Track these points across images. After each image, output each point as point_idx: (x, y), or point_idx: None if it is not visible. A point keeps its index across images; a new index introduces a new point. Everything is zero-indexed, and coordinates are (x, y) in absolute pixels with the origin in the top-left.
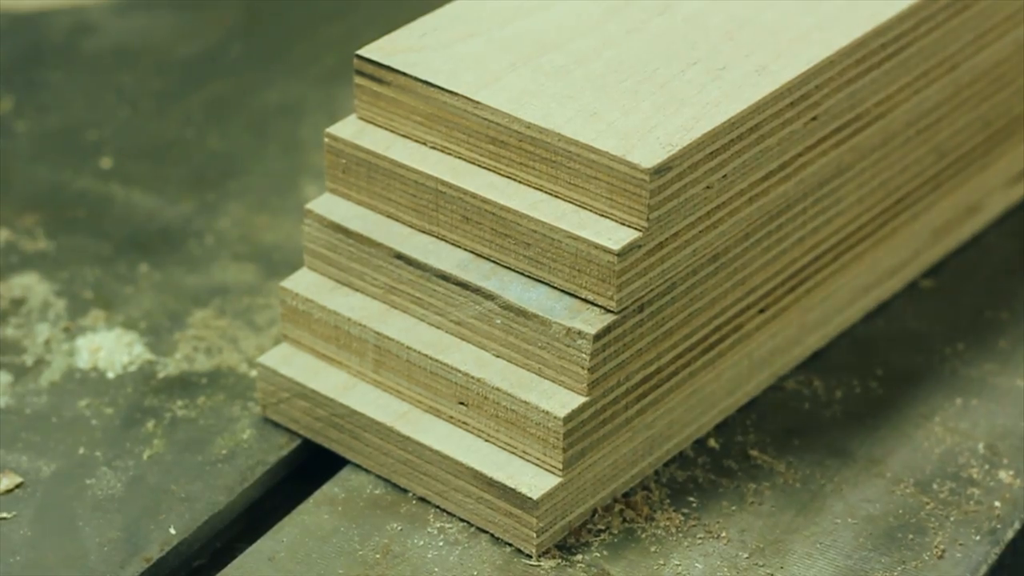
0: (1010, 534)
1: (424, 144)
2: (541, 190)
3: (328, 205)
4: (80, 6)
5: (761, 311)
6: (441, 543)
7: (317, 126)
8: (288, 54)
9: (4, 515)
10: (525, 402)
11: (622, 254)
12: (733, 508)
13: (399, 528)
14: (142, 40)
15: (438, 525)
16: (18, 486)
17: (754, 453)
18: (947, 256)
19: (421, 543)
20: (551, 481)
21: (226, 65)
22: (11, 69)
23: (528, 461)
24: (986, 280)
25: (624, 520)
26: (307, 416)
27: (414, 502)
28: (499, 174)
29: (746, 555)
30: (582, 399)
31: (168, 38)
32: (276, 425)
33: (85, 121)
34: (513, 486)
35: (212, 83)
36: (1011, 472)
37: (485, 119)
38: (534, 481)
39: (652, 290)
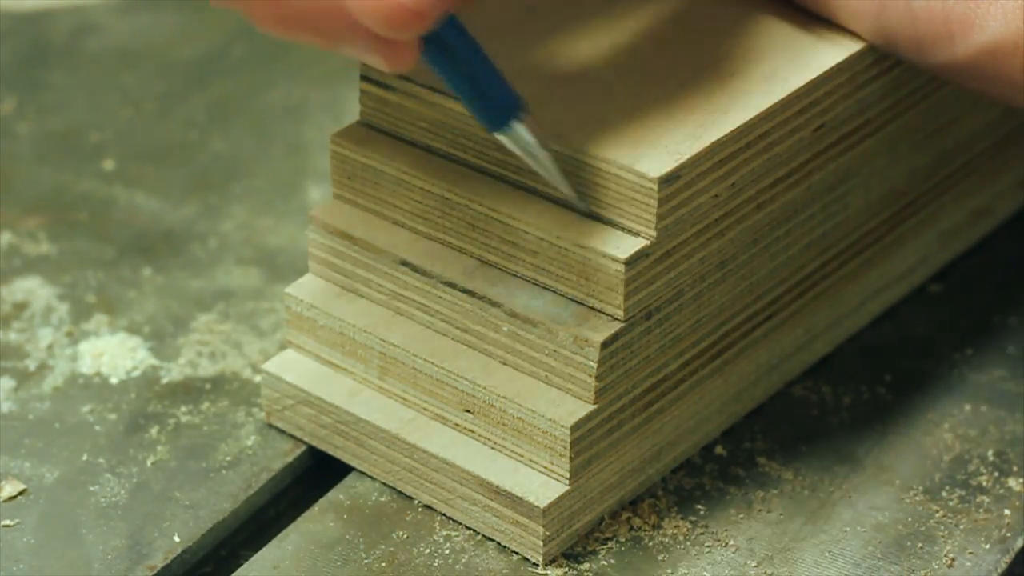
0: (1020, 543)
1: (430, 150)
2: (548, 198)
3: (333, 211)
4: (82, 7)
5: (768, 317)
6: (447, 551)
7: (321, 127)
8: (291, 55)
9: (7, 522)
10: (532, 410)
11: (630, 263)
12: (741, 516)
13: (405, 536)
14: (145, 41)
15: (444, 533)
16: (21, 493)
17: (762, 460)
18: (955, 260)
19: (427, 551)
20: (558, 489)
21: (229, 66)
22: (13, 70)
23: (535, 469)
24: (995, 284)
25: (631, 528)
26: (312, 423)
27: (420, 510)
28: (506, 181)
29: (754, 563)
30: (589, 407)
31: (171, 39)
32: (281, 432)
33: (87, 123)
34: (520, 494)
35: (215, 84)
36: (1021, 480)
37: None
38: (541, 489)
39: (659, 298)
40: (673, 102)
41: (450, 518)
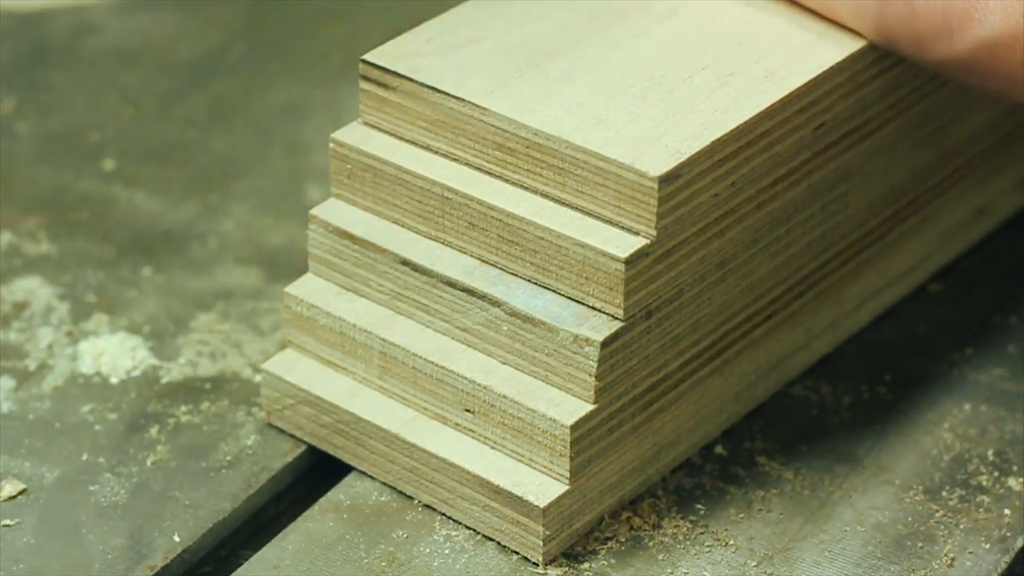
0: (1020, 542)
1: (430, 150)
2: (548, 197)
3: (333, 210)
4: (82, 7)
5: (768, 317)
6: (447, 551)
7: (321, 127)
8: (291, 54)
9: (7, 522)
10: (532, 410)
11: (630, 262)
12: (741, 515)
13: (405, 535)
14: (144, 41)
15: (444, 532)
16: (21, 493)
17: (762, 460)
18: (955, 260)
19: (427, 551)
20: (558, 489)
21: (229, 66)
22: (13, 70)
23: (535, 469)
24: (995, 284)
25: (631, 528)
26: (312, 423)
27: (420, 509)
28: (506, 181)
29: (754, 563)
30: (589, 407)
31: (170, 39)
32: (281, 431)
33: (87, 122)
34: (519, 494)
35: (215, 84)
36: (1021, 479)
37: (492, 125)
38: (541, 489)
39: (659, 297)
40: (673, 102)
41: (450, 518)
